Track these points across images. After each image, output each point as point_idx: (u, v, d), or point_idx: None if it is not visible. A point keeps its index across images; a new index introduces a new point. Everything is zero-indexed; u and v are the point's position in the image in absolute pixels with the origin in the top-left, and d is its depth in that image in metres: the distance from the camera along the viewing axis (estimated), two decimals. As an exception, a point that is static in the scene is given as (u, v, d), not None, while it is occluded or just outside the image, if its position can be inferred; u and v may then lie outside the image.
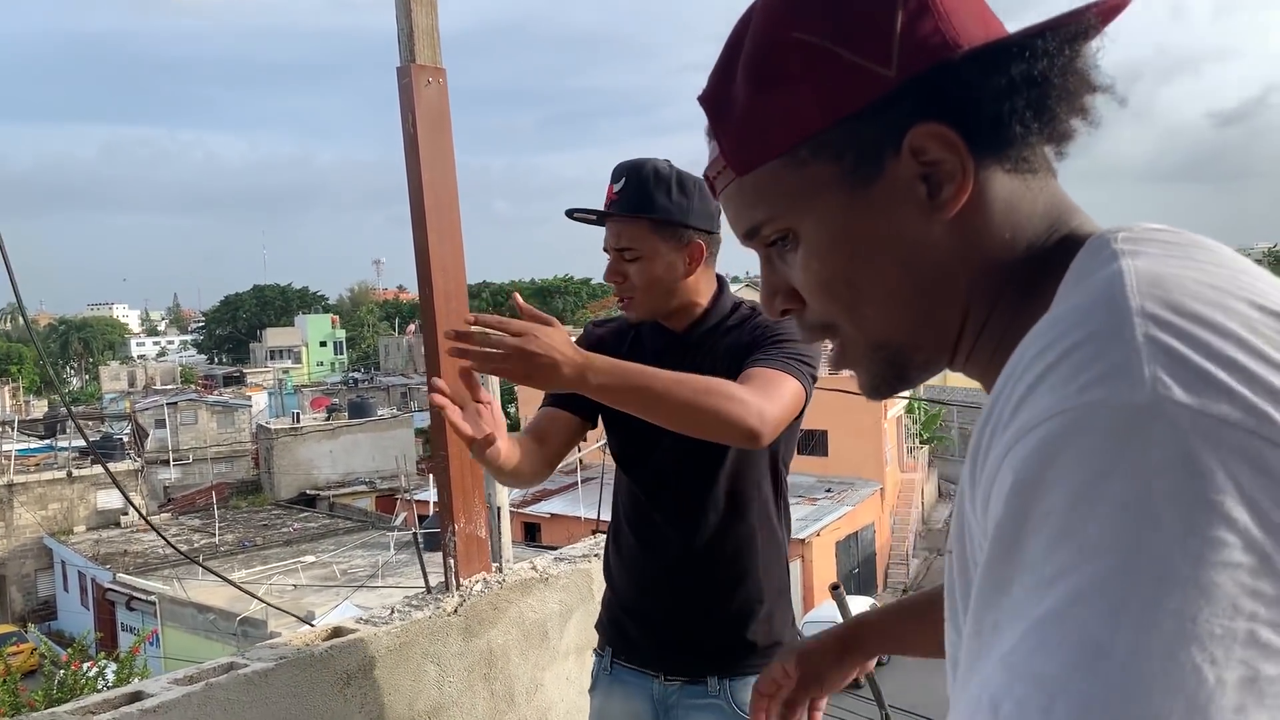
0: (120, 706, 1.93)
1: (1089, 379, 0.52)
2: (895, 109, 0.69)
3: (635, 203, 1.97)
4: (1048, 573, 0.48)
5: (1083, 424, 0.51)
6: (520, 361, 1.56)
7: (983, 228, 0.71)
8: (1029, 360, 0.57)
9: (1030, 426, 0.53)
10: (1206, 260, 0.60)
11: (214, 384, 65.19)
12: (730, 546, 2.03)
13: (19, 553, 31.76)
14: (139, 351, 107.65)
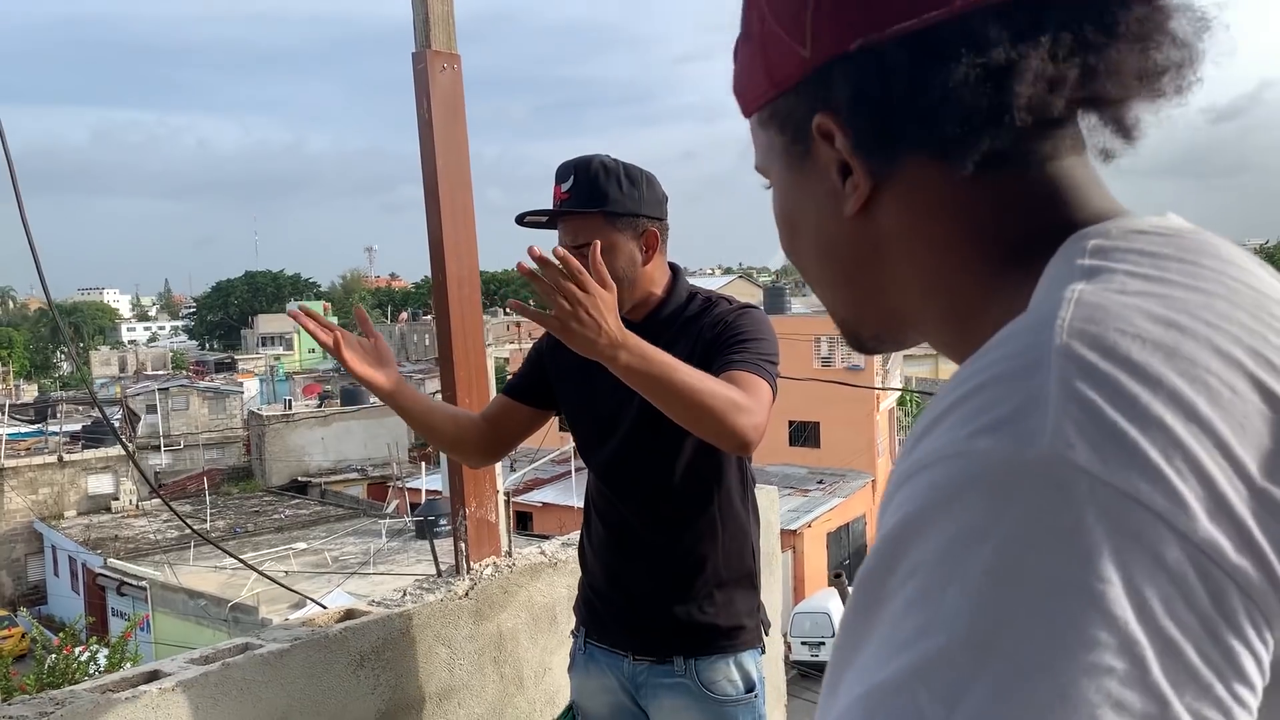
0: (138, 685, 1.95)
1: (986, 422, 0.46)
2: (810, 91, 0.64)
3: (589, 197, 1.97)
4: (900, 636, 0.44)
5: (967, 473, 0.45)
6: (571, 318, 1.61)
7: (917, 226, 0.64)
8: (948, 389, 0.52)
9: (919, 467, 0.48)
10: (1186, 282, 0.52)
11: (205, 370, 65.00)
12: (691, 533, 2.07)
13: (9, 537, 31.68)
14: (130, 337, 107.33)
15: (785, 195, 0.70)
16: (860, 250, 0.66)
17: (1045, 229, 0.60)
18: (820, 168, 0.65)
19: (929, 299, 0.65)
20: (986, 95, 0.58)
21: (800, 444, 31.76)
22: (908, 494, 0.48)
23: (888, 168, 0.63)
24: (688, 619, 2.07)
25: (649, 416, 2.01)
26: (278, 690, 2.08)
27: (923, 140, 0.61)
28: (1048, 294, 0.53)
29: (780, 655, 3.52)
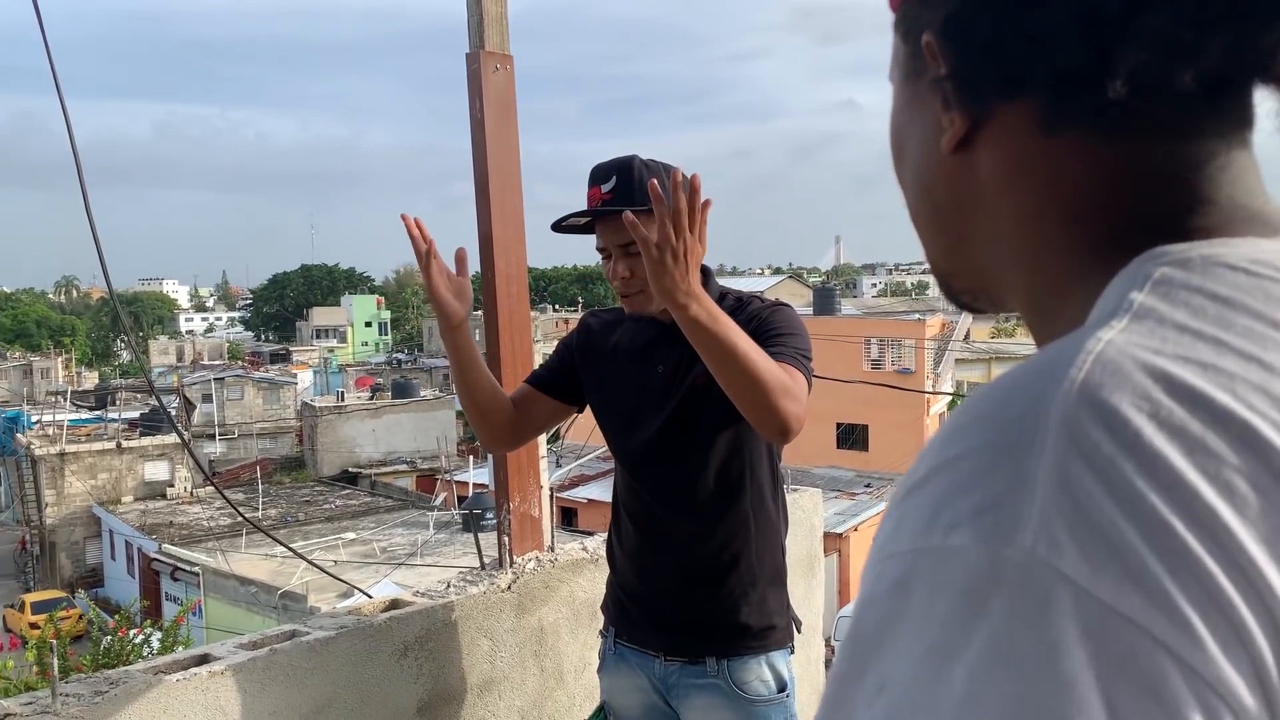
0: (189, 667, 2.01)
1: (964, 510, 0.40)
2: (929, 5, 0.57)
3: (634, 196, 1.98)
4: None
5: (937, 576, 0.39)
6: (670, 251, 1.66)
7: (1009, 183, 0.56)
8: (943, 437, 0.45)
9: (891, 555, 0.43)
10: (1248, 349, 0.43)
11: (261, 361, 66.03)
12: (723, 531, 2.08)
13: (69, 520, 32.44)
14: (188, 327, 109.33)
15: (897, 113, 0.63)
16: (955, 194, 0.59)
17: (1148, 221, 0.51)
18: (927, 90, 0.58)
19: (1015, 268, 0.58)
20: (1084, 51, 0.50)
21: (848, 446, 31.55)
22: (878, 585, 0.42)
23: (984, 109, 0.55)
24: (719, 619, 2.08)
25: (681, 411, 2.04)
26: (323, 677, 2.12)
27: (1012, 89, 0.54)
28: (1090, 326, 0.46)
29: (820, 656, 3.52)
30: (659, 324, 2.11)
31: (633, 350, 2.14)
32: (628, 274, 2.03)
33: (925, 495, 0.42)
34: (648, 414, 2.09)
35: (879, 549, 0.44)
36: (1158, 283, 0.47)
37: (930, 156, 0.59)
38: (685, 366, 2.06)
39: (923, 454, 0.45)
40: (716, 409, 2.01)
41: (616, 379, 2.15)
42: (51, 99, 2.48)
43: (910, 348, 31.46)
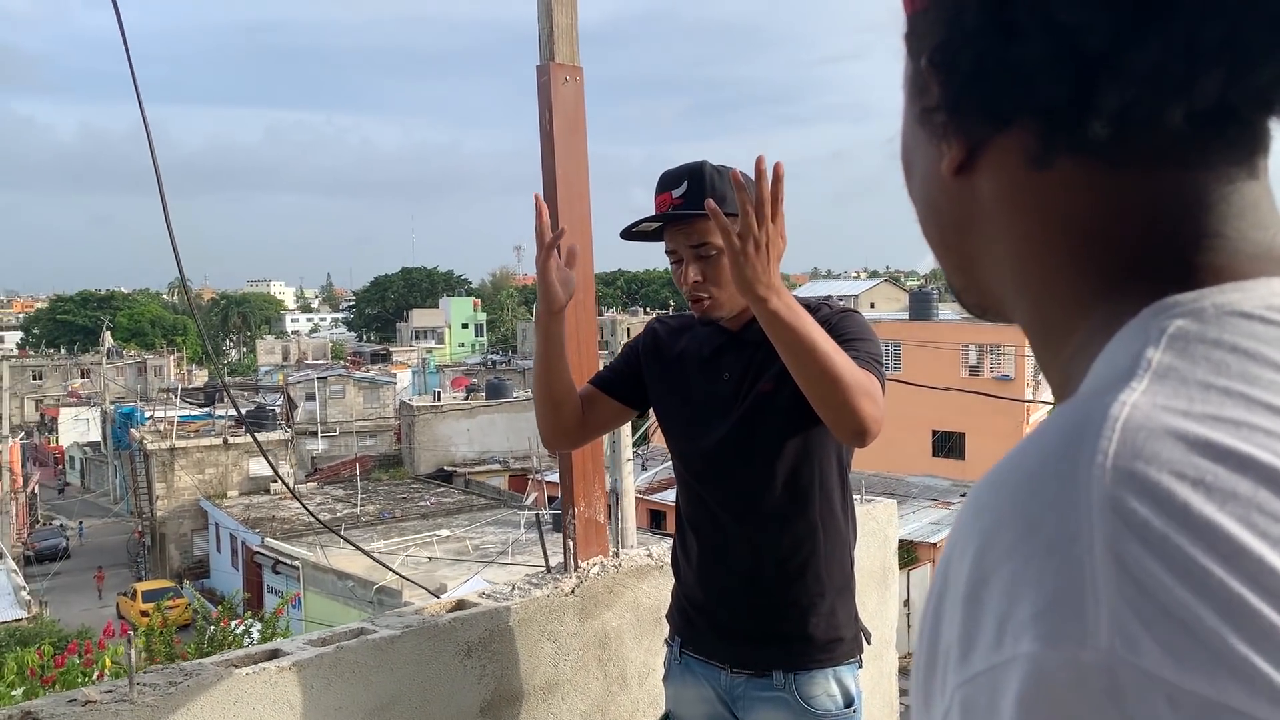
0: (259, 662, 2.08)
1: (1024, 615, 0.37)
2: (927, 23, 0.56)
3: (700, 202, 1.97)
4: None
5: (1017, 690, 0.36)
6: (753, 242, 1.69)
7: (1008, 211, 0.55)
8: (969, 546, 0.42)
9: (964, 680, 0.40)
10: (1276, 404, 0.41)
11: (362, 361, 67.68)
12: (790, 540, 2.06)
13: (178, 513, 33.72)
14: (293, 327, 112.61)
15: (906, 129, 0.62)
16: (959, 216, 0.58)
17: (1153, 254, 0.50)
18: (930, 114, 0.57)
19: (1018, 293, 0.57)
20: (1068, 87, 0.48)
21: (944, 455, 31.00)
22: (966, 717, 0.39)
23: (981, 136, 0.54)
24: (786, 630, 2.07)
25: (748, 418, 2.03)
26: (387, 675, 2.18)
27: (999, 121, 0.53)
28: (1103, 386, 0.44)
29: (893, 670, 3.48)
30: (727, 331, 2.12)
31: (700, 357, 2.15)
32: (699, 278, 2.03)
33: (983, 603, 0.40)
34: (714, 421, 2.09)
35: (955, 675, 0.41)
36: (1174, 338, 0.45)
37: (935, 176, 0.58)
38: (753, 374, 2.06)
39: (956, 564, 0.43)
40: (784, 416, 2.02)
41: (683, 385, 2.16)
42: (170, 106, 2.65)
43: (1010, 354, 30.73)
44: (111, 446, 46.38)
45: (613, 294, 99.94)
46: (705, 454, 2.11)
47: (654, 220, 2.05)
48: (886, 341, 32.86)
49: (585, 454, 2.65)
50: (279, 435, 35.63)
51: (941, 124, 0.56)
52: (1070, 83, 0.48)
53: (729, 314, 2.07)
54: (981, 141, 0.54)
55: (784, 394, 2.01)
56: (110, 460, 47.40)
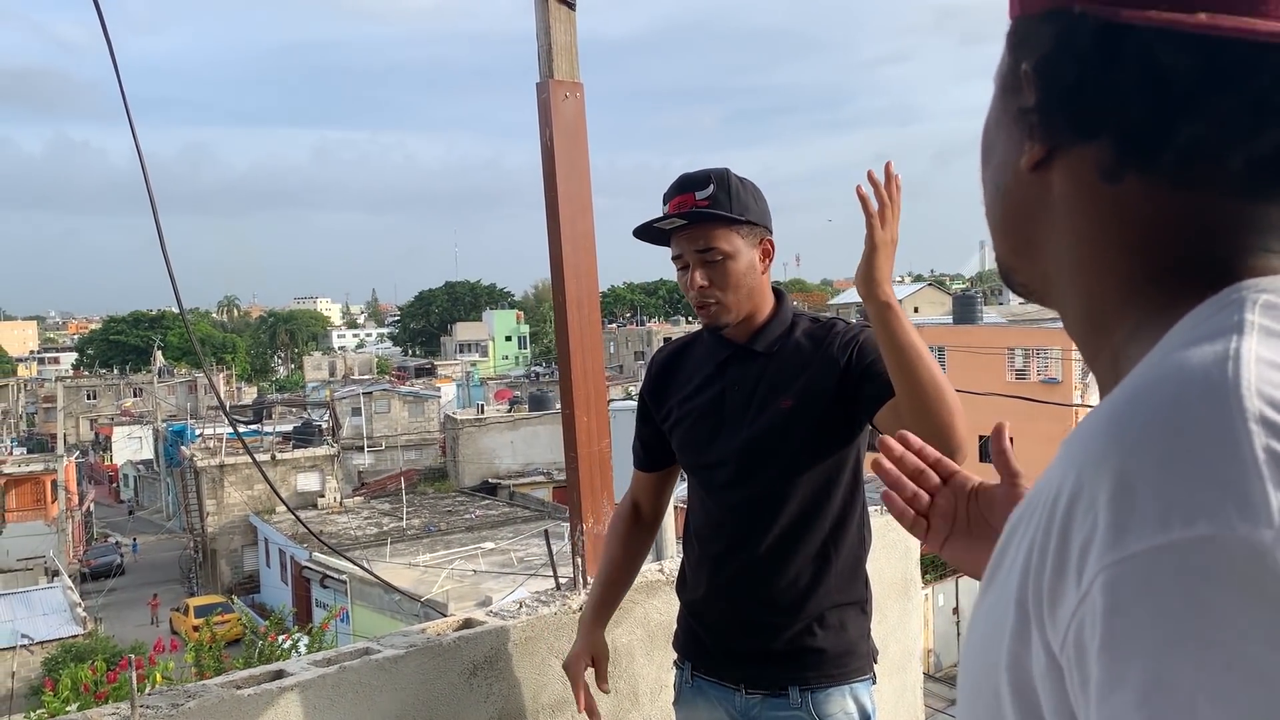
0: (263, 683, 2.09)
1: (1193, 504, 0.44)
2: (1037, 30, 0.62)
3: (728, 206, 1.99)
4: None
5: (1189, 566, 0.43)
6: (893, 241, 1.75)
7: (1076, 211, 0.63)
8: (1104, 445, 0.49)
9: (1119, 559, 0.46)
10: None
11: (407, 375, 68.29)
12: (802, 556, 2.03)
13: (228, 529, 34.21)
14: (339, 343, 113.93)
15: (990, 116, 0.70)
16: (1028, 205, 0.66)
17: (1205, 262, 0.58)
18: (1018, 108, 0.65)
19: (1073, 279, 0.65)
20: (1151, 115, 0.57)
21: (987, 460, 30.55)
22: (1116, 593, 0.45)
23: (1063, 142, 0.62)
24: (801, 647, 2.03)
25: (764, 433, 2.01)
26: (392, 695, 2.18)
27: (1085, 133, 0.60)
28: (1196, 345, 0.51)
29: (918, 682, 3.43)
30: (732, 343, 2.10)
31: (707, 372, 2.12)
32: (705, 283, 2.00)
33: (1137, 496, 0.46)
34: (726, 436, 2.06)
35: (1099, 560, 0.47)
36: (1266, 307, 0.53)
37: (1012, 166, 0.66)
38: (766, 386, 2.03)
39: (1092, 474, 0.49)
40: (806, 433, 2.00)
41: (692, 402, 2.13)
42: (220, 128, 2.65)
43: (1057, 358, 30.32)
44: (163, 464, 47.18)
45: (655, 304, 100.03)
46: (718, 468, 2.08)
47: (679, 218, 1.99)
48: (931, 346, 32.40)
49: (593, 469, 2.64)
50: (325, 450, 36.02)
51: (1030, 125, 0.63)
52: (1154, 115, 0.56)
53: (735, 319, 2.05)
54: (1061, 146, 0.62)
55: (808, 411, 1.99)
56: (162, 478, 48.21)
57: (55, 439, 42.30)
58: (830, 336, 2.04)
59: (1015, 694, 0.53)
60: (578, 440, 2.60)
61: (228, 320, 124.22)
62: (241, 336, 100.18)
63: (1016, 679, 0.53)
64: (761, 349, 2.06)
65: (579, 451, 2.60)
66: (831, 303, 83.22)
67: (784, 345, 2.06)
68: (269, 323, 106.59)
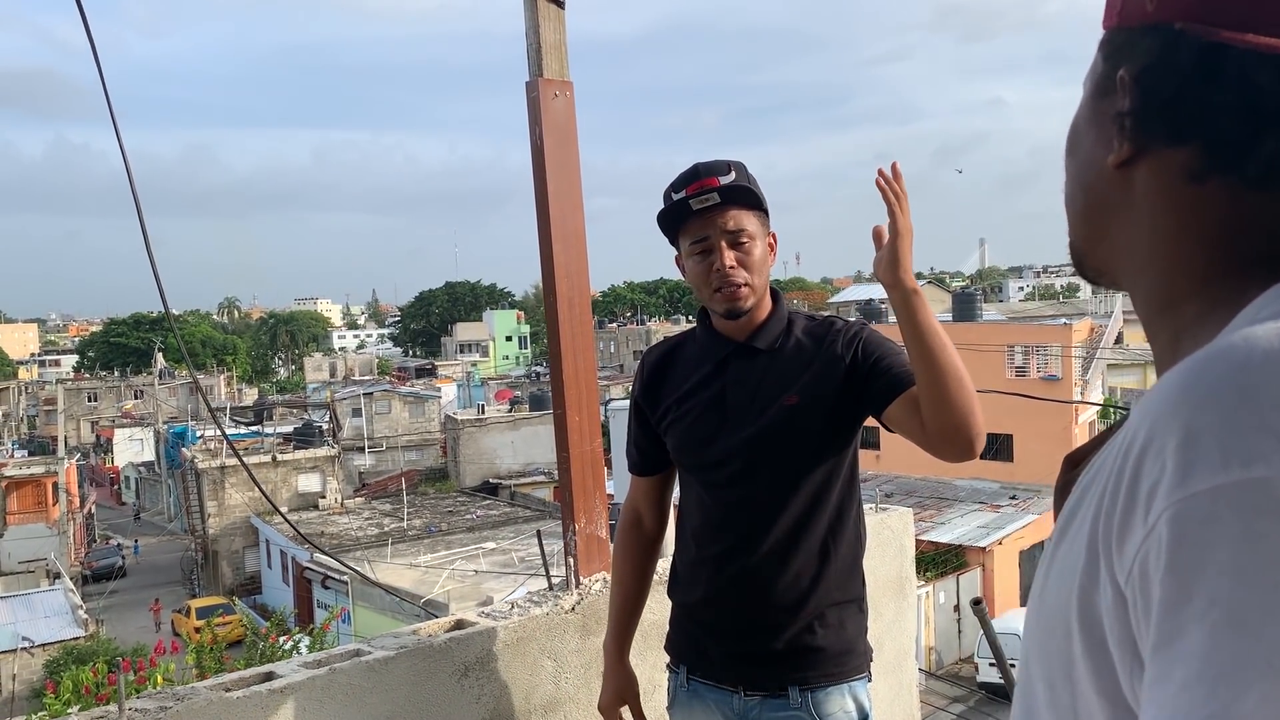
0: (253, 685, 2.08)
1: (1252, 452, 0.51)
2: (1134, 41, 0.69)
3: (749, 193, 1.99)
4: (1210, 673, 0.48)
5: (1248, 502, 0.50)
6: (906, 228, 1.78)
7: (1158, 208, 0.69)
8: (1175, 401, 0.56)
9: (1184, 496, 0.52)
10: None
11: (407, 375, 68.27)
12: (802, 555, 2.02)
13: (229, 530, 34.20)
14: (340, 344, 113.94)
15: (1080, 114, 0.76)
16: (1109, 198, 0.72)
17: (1274, 256, 0.65)
18: (1108, 109, 0.71)
19: (1145, 268, 0.71)
20: (1240, 128, 0.63)
21: (991, 457, 30.55)
22: (1182, 525, 0.52)
23: (1151, 145, 0.68)
24: (800, 646, 2.02)
25: (766, 431, 2.00)
26: (382, 696, 2.18)
27: (1176, 140, 0.67)
28: (1267, 323, 0.58)
29: (914, 680, 3.42)
30: (731, 341, 2.07)
31: (706, 370, 2.09)
32: (734, 264, 1.98)
33: (1202, 444, 0.53)
34: (729, 434, 2.03)
35: (1166, 498, 0.53)
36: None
37: (1097, 160, 0.72)
38: (770, 383, 2.02)
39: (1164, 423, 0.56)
40: (811, 430, 1.99)
41: (690, 400, 2.09)
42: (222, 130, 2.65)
43: (1056, 355, 30.29)
44: (165, 466, 47.17)
45: (655, 303, 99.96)
46: (718, 464, 2.05)
47: (716, 193, 1.96)
48: (930, 344, 32.43)
49: (585, 469, 2.63)
50: (326, 451, 36.01)
51: (1122, 126, 0.69)
52: (1245, 127, 0.63)
53: (754, 306, 2.03)
54: (1149, 148, 0.68)
55: (814, 409, 1.98)
56: (164, 480, 48.21)
57: (56, 441, 42.28)
58: (831, 334, 2.04)
59: (1083, 628, 0.59)
60: (569, 440, 2.59)
61: (228, 322, 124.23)
62: (242, 338, 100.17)
63: (1085, 614, 0.59)
64: (763, 346, 2.05)
65: (571, 451, 2.59)
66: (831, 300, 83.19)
67: (785, 343, 2.05)
68: (270, 324, 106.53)
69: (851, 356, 1.98)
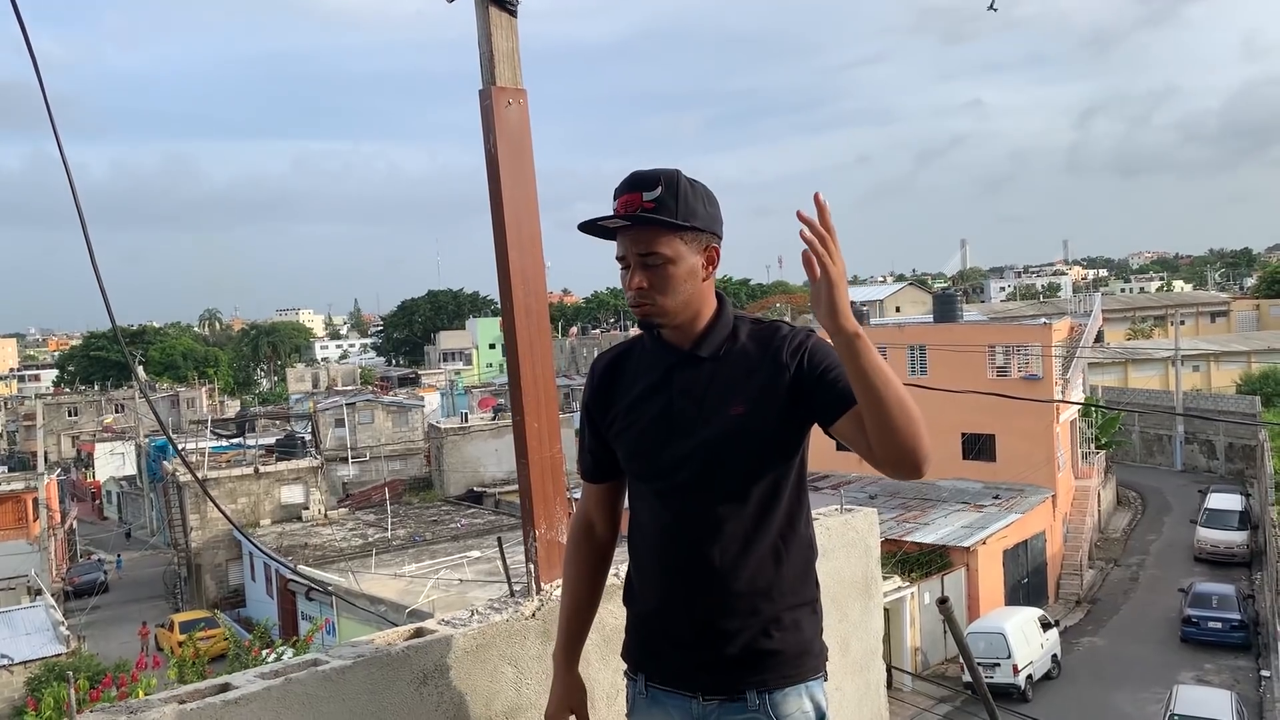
0: (207, 697, 2.07)
1: None
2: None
3: (674, 210, 1.97)
4: None
5: None
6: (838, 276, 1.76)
7: None
8: None
9: None
10: None
11: (390, 385, 68.01)
12: (757, 557, 2.02)
13: (212, 543, 34.00)
14: (322, 354, 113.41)
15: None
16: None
17: None
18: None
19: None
20: None
21: (974, 457, 30.67)
22: None
23: None
24: (757, 649, 2.02)
25: (713, 440, 2.00)
26: (339, 705, 2.17)
27: None
28: None
29: (881, 680, 3.44)
30: (676, 349, 2.07)
31: (652, 379, 2.09)
32: (644, 285, 1.99)
33: None
34: (677, 444, 2.03)
35: None
36: None
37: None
38: (715, 393, 2.02)
39: None
40: (758, 439, 1.99)
41: (639, 409, 2.10)
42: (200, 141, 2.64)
43: (1037, 355, 30.44)
44: (147, 480, 46.89)
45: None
46: (668, 474, 2.05)
47: (624, 220, 1.98)
48: (912, 345, 32.68)
49: (545, 475, 2.63)
50: (309, 462, 35.86)
51: None
52: None
53: (670, 323, 2.03)
54: None
55: (760, 419, 1.98)
56: (146, 494, 47.91)
57: (36, 457, 41.95)
58: (777, 340, 2.03)
59: None
60: (528, 446, 2.60)
61: (210, 334, 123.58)
62: (224, 350, 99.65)
63: None
64: (706, 355, 2.05)
65: (530, 458, 2.60)
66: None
67: (730, 350, 2.05)
68: (251, 335, 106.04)
69: (797, 366, 1.97)
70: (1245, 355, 54.24)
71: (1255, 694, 21.61)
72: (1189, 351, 50.31)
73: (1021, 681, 21.53)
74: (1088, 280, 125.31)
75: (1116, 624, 26.68)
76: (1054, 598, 28.61)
